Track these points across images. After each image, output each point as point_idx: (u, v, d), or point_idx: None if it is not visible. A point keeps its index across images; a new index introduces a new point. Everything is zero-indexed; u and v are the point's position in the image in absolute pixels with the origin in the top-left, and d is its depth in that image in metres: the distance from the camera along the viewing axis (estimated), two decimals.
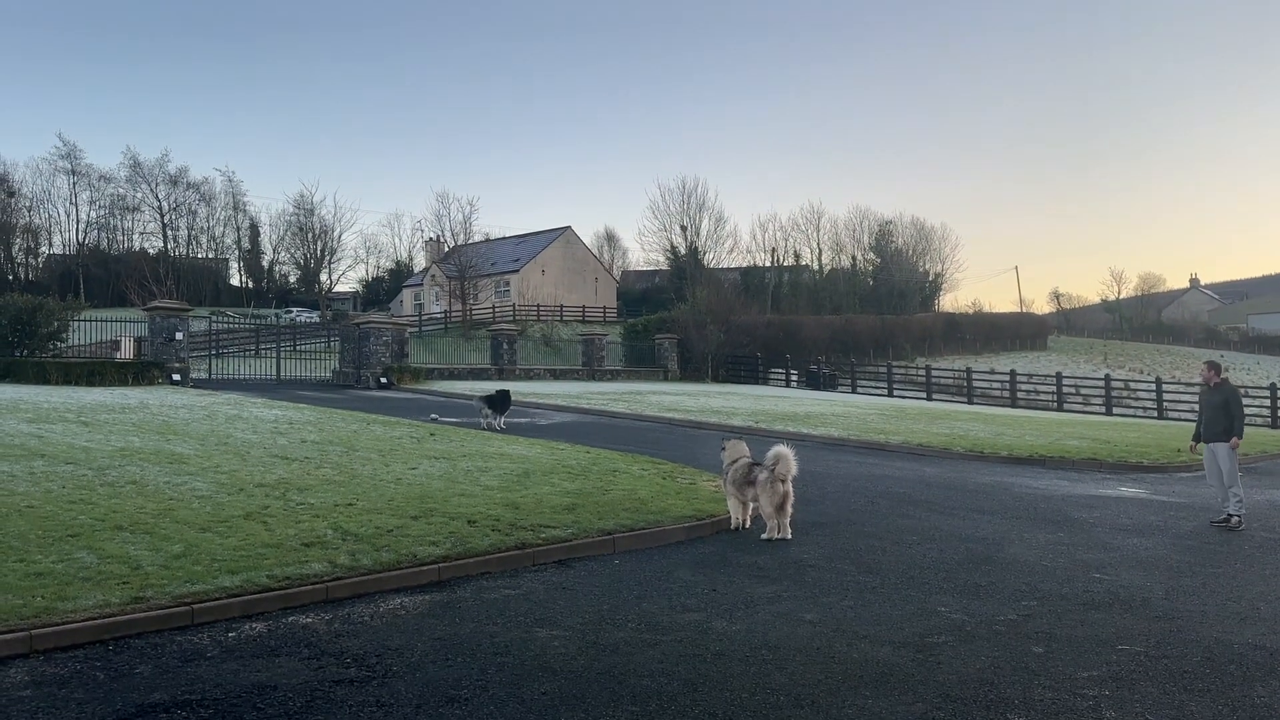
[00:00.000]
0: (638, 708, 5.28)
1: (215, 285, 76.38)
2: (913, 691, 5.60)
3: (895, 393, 45.78)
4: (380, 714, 5.17)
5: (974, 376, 45.80)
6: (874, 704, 5.38)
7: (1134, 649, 6.57)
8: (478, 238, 69.90)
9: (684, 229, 74.53)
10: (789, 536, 10.34)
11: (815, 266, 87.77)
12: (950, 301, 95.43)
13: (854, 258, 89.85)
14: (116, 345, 34.66)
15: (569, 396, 29.41)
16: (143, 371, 26.18)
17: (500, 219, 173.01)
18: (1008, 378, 43.60)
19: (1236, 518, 11.90)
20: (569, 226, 75.05)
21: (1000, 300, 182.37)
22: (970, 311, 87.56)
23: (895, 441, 21.37)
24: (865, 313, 72.92)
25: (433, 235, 72.30)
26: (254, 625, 6.84)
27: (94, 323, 32.66)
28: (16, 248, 70.15)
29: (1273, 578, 9.11)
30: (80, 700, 5.32)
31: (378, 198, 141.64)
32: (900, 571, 8.95)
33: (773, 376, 49.62)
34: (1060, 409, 40.48)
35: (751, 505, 10.75)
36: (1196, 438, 12.87)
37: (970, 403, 42.48)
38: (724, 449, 11.21)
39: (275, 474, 12.09)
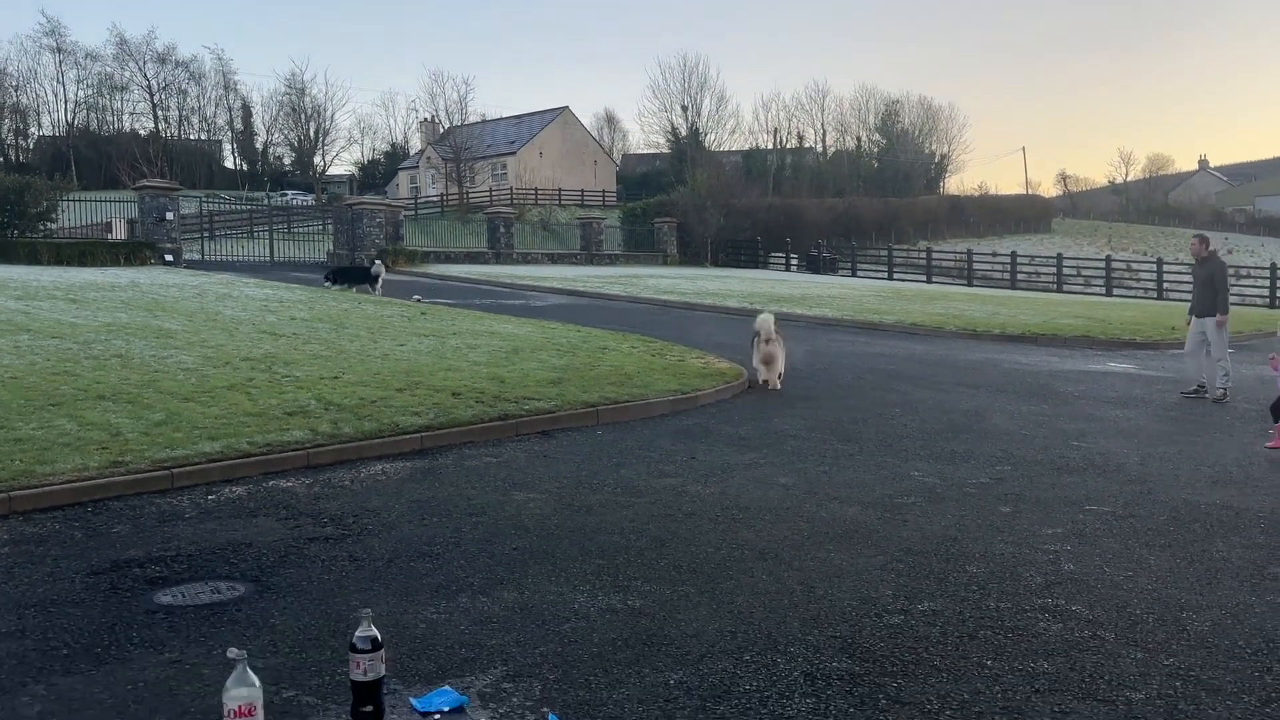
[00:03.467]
0: (604, 561, 5.37)
1: (209, 168, 75.21)
2: (875, 546, 5.69)
3: (895, 276, 45.58)
4: (352, 568, 5.26)
5: (975, 259, 45.50)
6: (835, 557, 5.47)
7: (1101, 509, 6.65)
8: (474, 119, 68.60)
9: (685, 109, 73.01)
10: (778, 387, 11.90)
11: (819, 149, 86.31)
12: (956, 184, 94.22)
13: (859, 139, 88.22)
14: (109, 227, 34.42)
15: (565, 280, 29.29)
16: (135, 252, 26.01)
17: (497, 99, 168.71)
18: (1008, 260, 43.29)
19: (1221, 390, 11.94)
20: (566, 107, 73.46)
21: (1007, 182, 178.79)
22: (976, 194, 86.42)
23: (888, 321, 21.36)
24: (869, 195, 71.94)
25: (427, 115, 70.94)
26: (234, 489, 6.93)
27: (86, 203, 32.35)
28: (5, 129, 68.92)
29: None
30: (56, 556, 5.42)
31: (370, 75, 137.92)
32: (879, 440, 9.02)
33: (773, 261, 49.29)
34: (1060, 290, 40.32)
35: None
36: (1192, 312, 12.86)
37: (970, 285, 42.28)
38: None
39: (262, 348, 12.11)
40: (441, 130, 66.55)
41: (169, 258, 26.57)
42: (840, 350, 16.41)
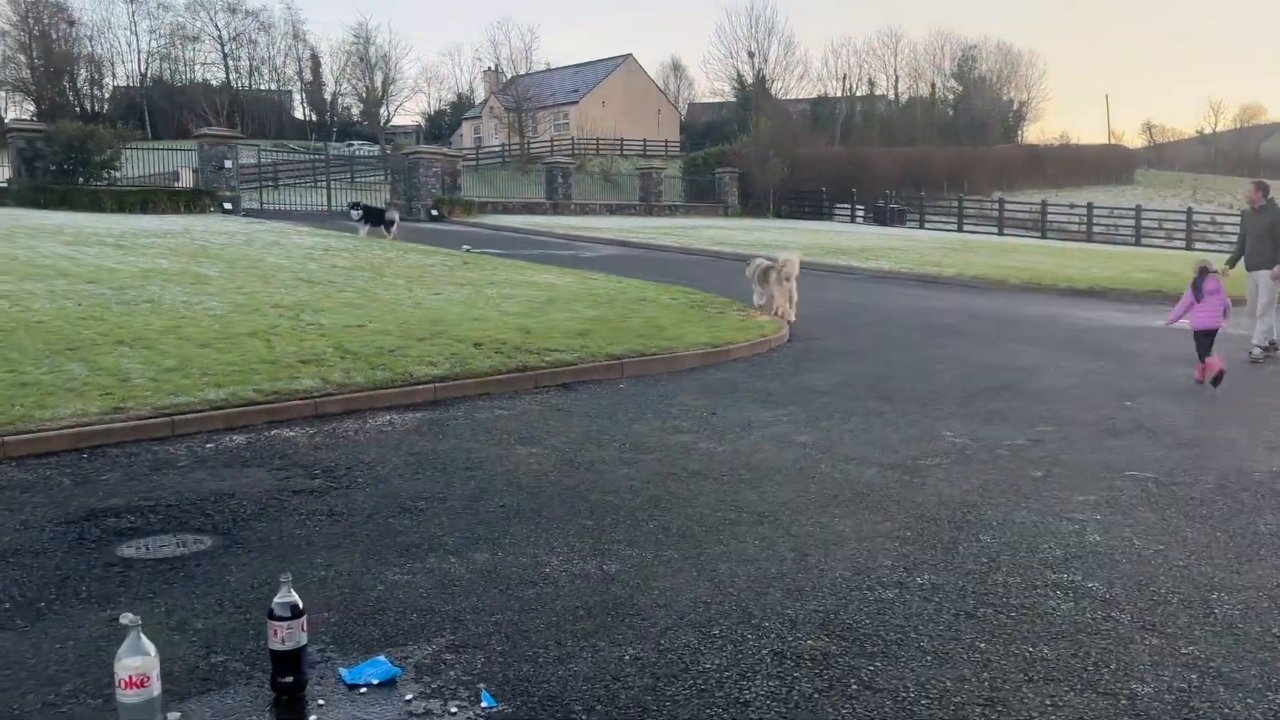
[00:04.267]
0: (592, 521, 5.08)
1: (279, 118, 76.02)
2: (885, 511, 5.30)
3: (966, 228, 44.22)
4: (329, 523, 5.06)
5: (1049, 210, 43.89)
6: (839, 522, 5.10)
7: (1142, 475, 6.15)
8: (538, 68, 67.98)
9: (751, 56, 71.18)
10: (792, 319, 12.67)
11: (891, 96, 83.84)
12: (1036, 133, 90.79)
13: (933, 85, 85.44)
14: (177, 176, 34.95)
15: (620, 230, 28.92)
16: (194, 199, 26.33)
17: (561, 47, 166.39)
18: (1085, 211, 41.64)
19: (1259, 349, 11.18)
20: (630, 54, 72.20)
21: (1089, 132, 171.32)
22: (1055, 144, 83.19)
23: (949, 274, 20.62)
24: (942, 145, 69.63)
25: (491, 65, 70.52)
26: (235, 437, 6.79)
27: (151, 151, 32.86)
28: (81, 79, 70.33)
29: None
30: (37, 504, 5.31)
31: (436, 22, 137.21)
32: (915, 398, 8.55)
33: (838, 212, 48.16)
34: (1138, 244, 38.68)
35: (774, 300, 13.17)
36: (1231, 264, 11.96)
37: (1044, 237, 40.86)
38: (747, 265, 14.09)
39: (295, 296, 12.02)
40: (504, 80, 66.16)
41: (228, 206, 26.83)
42: (893, 304, 15.82)
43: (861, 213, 47.74)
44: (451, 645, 3.61)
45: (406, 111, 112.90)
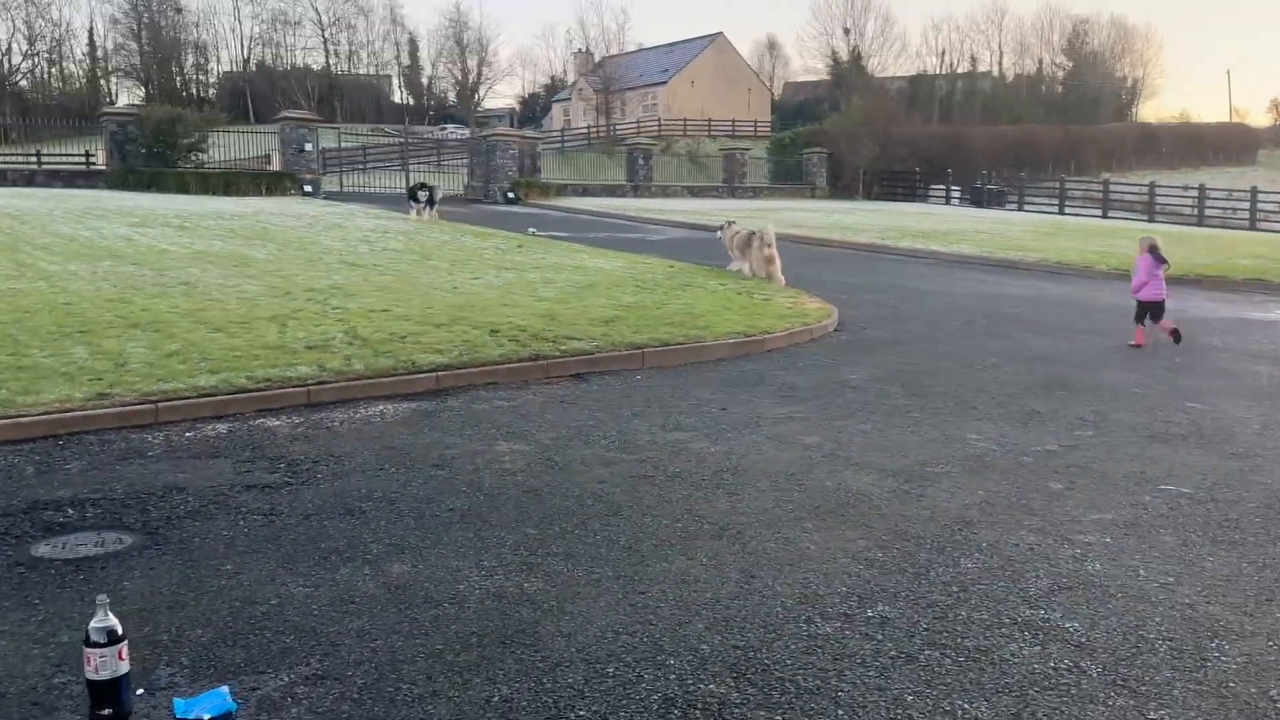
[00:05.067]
0: (537, 530, 4.71)
1: (377, 103, 77.51)
2: (865, 527, 4.78)
3: (1068, 210, 42.20)
4: (261, 523, 4.80)
5: (1158, 192, 41.57)
6: (808, 538, 4.61)
7: (1178, 490, 5.47)
8: (630, 48, 67.56)
9: (847, 32, 69.47)
10: (782, 283, 13.51)
11: (995, 73, 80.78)
12: (1152, 110, 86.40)
13: (1040, 61, 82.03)
14: (268, 159, 35.80)
15: (694, 213, 28.39)
16: (275, 182, 26.82)
17: (654, 28, 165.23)
18: (1196, 193, 39.27)
19: None
20: (720, 33, 71.09)
21: (1211, 110, 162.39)
22: (1172, 121, 78.91)
23: (1031, 259, 19.58)
24: (1049, 123, 66.63)
25: (580, 47, 70.37)
26: (217, 426, 6.62)
27: (246, 134, 33.61)
28: (188, 64, 72.88)
29: None
30: None
31: (530, 3, 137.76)
32: (952, 395, 7.93)
33: (933, 193, 46.55)
34: (1253, 228, 36.31)
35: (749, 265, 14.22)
36: None
37: (1151, 220, 38.71)
38: (722, 229, 15.55)
39: (332, 279, 11.94)
40: (593, 62, 65.93)
41: (308, 188, 27.26)
42: (962, 290, 15.01)
43: (957, 194, 46.04)
44: (313, 675, 3.28)
45: (500, 95, 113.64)
